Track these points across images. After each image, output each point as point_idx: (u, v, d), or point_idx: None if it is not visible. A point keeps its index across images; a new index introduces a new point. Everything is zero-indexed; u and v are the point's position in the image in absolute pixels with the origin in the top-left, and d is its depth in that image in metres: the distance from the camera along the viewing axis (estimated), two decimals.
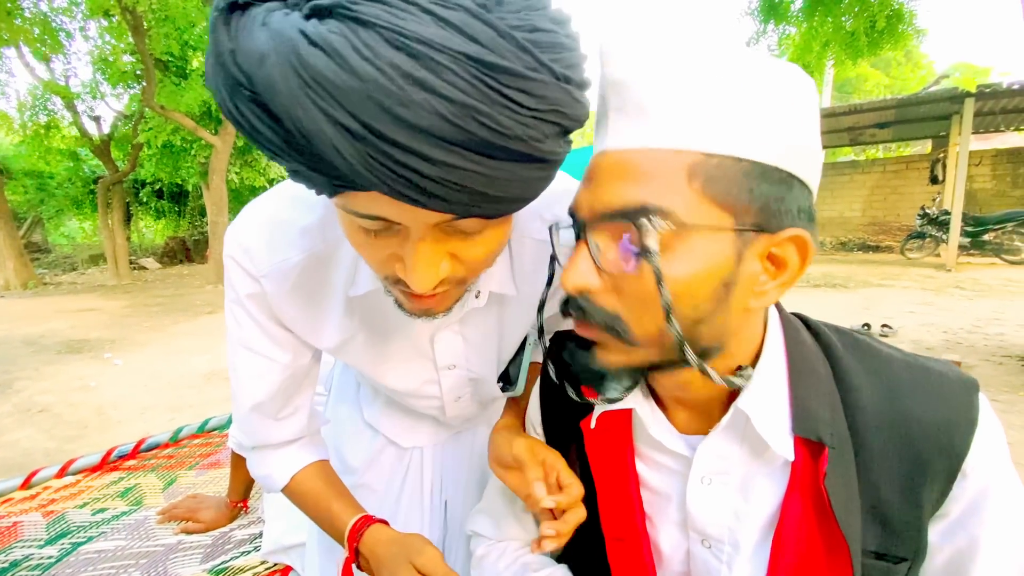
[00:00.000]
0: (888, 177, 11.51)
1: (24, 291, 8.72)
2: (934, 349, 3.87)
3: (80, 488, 1.43)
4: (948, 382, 0.47)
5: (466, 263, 0.46)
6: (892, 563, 0.46)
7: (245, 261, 0.59)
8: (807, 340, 0.50)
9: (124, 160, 10.31)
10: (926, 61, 19.62)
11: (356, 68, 0.29)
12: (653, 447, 0.53)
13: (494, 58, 0.31)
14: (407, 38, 0.29)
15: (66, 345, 4.86)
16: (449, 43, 0.30)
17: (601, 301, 0.43)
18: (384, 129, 0.30)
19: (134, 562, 1.14)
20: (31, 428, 2.97)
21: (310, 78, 0.30)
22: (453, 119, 0.31)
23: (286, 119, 0.31)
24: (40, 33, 6.89)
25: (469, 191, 0.35)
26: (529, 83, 0.33)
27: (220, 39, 0.32)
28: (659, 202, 0.38)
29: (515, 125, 0.33)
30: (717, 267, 0.40)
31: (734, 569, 0.49)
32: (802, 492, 0.46)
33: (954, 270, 7.71)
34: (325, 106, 0.30)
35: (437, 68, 0.30)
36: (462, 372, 0.71)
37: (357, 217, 0.41)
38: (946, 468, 0.45)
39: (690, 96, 0.38)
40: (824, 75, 5.34)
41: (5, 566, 1.11)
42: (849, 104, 9.13)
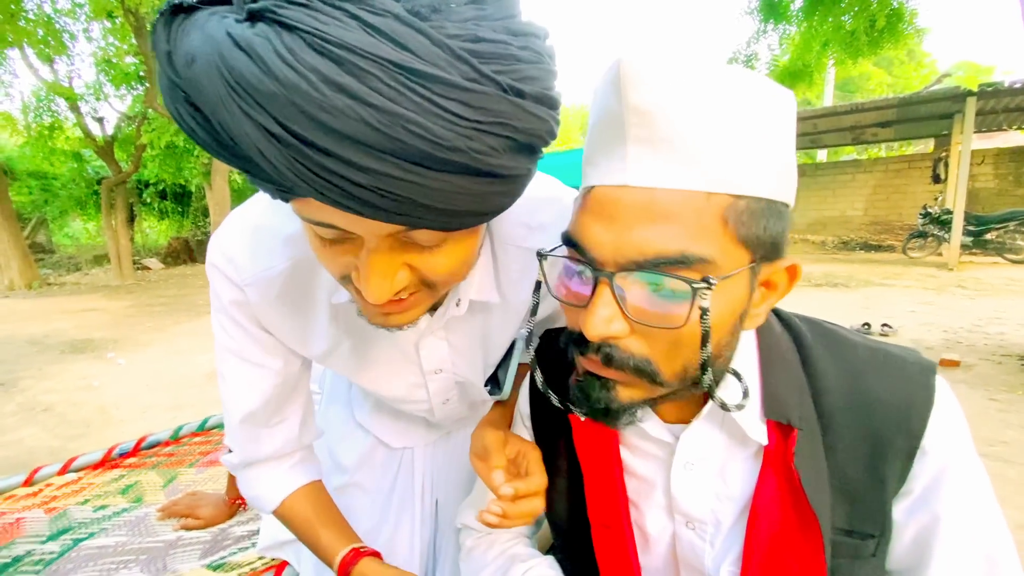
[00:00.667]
0: (890, 176, 11.47)
1: (28, 291, 8.77)
2: (934, 348, 3.87)
3: (82, 485, 1.46)
4: (907, 365, 0.49)
5: (428, 275, 0.44)
6: (860, 539, 0.49)
7: (229, 270, 0.58)
8: (778, 330, 0.52)
9: (127, 161, 10.36)
10: (929, 60, 19.58)
11: (276, 72, 0.29)
12: (639, 435, 0.55)
13: (424, 66, 0.30)
14: (330, 43, 0.29)
15: (70, 345, 4.89)
16: (374, 49, 0.29)
17: (629, 348, 0.42)
18: (307, 135, 0.30)
19: (134, 557, 1.16)
20: (35, 427, 3.00)
21: (234, 81, 0.29)
22: (380, 127, 0.30)
23: (215, 121, 0.31)
24: (44, 35, 6.94)
25: (408, 201, 0.34)
26: (466, 94, 0.31)
27: (159, 41, 0.32)
28: (699, 251, 0.37)
29: (453, 136, 0.32)
30: (739, 304, 0.42)
31: (717, 547, 0.51)
32: (775, 472, 0.48)
33: (956, 269, 7.69)
34: (248, 109, 0.30)
35: (360, 74, 0.29)
36: (448, 376, 0.71)
37: (312, 224, 0.40)
38: (906, 446, 0.47)
39: (720, 136, 0.37)
40: (825, 74, 5.34)
41: (8, 561, 1.13)
42: (851, 103, 9.11)
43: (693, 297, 0.37)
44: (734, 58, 5.34)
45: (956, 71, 11.25)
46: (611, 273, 0.39)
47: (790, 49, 5.10)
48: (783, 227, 0.42)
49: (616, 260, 0.39)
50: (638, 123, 0.38)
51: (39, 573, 1.09)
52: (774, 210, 0.40)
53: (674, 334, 0.40)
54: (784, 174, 0.41)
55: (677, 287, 0.38)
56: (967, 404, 3.12)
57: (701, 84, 0.37)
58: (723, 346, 0.44)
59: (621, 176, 0.39)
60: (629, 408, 0.46)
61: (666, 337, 0.40)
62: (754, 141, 0.38)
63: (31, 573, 1.09)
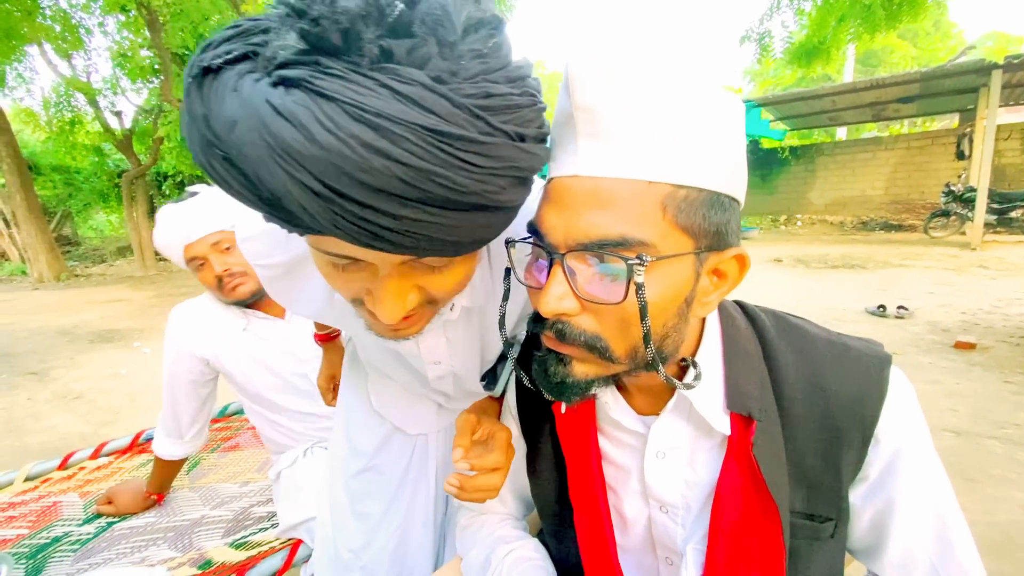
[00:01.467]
0: (912, 153, 11.15)
1: (57, 283, 9.05)
2: (950, 331, 3.82)
3: (112, 469, 1.55)
4: (864, 357, 0.52)
5: (435, 294, 0.48)
6: (819, 522, 0.52)
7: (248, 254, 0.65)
8: (741, 325, 0.55)
9: (146, 154, 10.53)
10: (956, 30, 18.79)
11: (319, 139, 0.31)
12: (615, 426, 0.59)
13: (448, 127, 0.33)
14: (367, 112, 0.32)
15: (98, 335, 5.07)
16: (406, 116, 0.32)
17: (580, 324, 0.45)
18: (347, 191, 0.33)
19: (162, 535, 1.24)
20: (68, 414, 3.15)
21: (277, 146, 0.32)
22: (412, 181, 0.33)
23: (254, 179, 0.34)
24: (61, 30, 7.05)
25: (430, 238, 0.37)
26: (483, 147, 0.35)
27: (193, 103, 0.35)
28: (639, 234, 0.41)
29: (472, 183, 0.36)
30: (682, 287, 0.44)
31: (689, 529, 0.55)
32: (738, 460, 0.51)
33: (979, 249, 7.50)
34: (291, 170, 0.32)
35: (395, 138, 0.32)
36: (446, 367, 0.75)
37: (326, 256, 0.43)
38: (859, 435, 0.50)
39: (663, 129, 0.40)
40: (843, 49, 5.19)
41: (47, 541, 1.22)
42: (870, 79, 8.83)
43: (630, 274, 0.41)
44: (747, 36, 5.21)
45: (985, 42, 10.81)
46: (562, 254, 0.43)
47: (806, 25, 4.95)
48: (728, 218, 0.44)
49: (567, 243, 0.43)
50: (585, 119, 0.41)
51: (77, 551, 1.18)
52: (717, 201, 0.43)
53: (619, 311, 0.43)
54: (730, 170, 0.44)
55: (618, 266, 0.41)
56: (981, 387, 3.08)
57: (643, 82, 0.40)
58: (669, 328, 0.46)
59: (573, 167, 0.42)
60: (584, 384, 0.48)
61: (613, 314, 0.43)
62: (695, 136, 0.41)
63: (70, 552, 1.18)
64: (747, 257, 0.47)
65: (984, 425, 2.47)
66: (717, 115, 0.42)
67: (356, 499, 0.95)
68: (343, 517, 0.95)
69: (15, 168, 8.59)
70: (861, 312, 4.53)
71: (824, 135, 14.99)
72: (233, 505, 1.36)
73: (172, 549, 1.20)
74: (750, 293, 3.50)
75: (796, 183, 12.66)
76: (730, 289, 0.48)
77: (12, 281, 9.64)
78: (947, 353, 3.42)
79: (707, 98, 0.41)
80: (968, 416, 2.57)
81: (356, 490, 0.94)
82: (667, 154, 0.40)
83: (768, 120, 11.18)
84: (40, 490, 1.44)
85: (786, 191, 12.80)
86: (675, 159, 0.41)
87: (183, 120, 0.37)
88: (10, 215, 9.64)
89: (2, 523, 1.29)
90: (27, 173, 9.03)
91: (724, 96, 0.43)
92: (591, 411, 0.60)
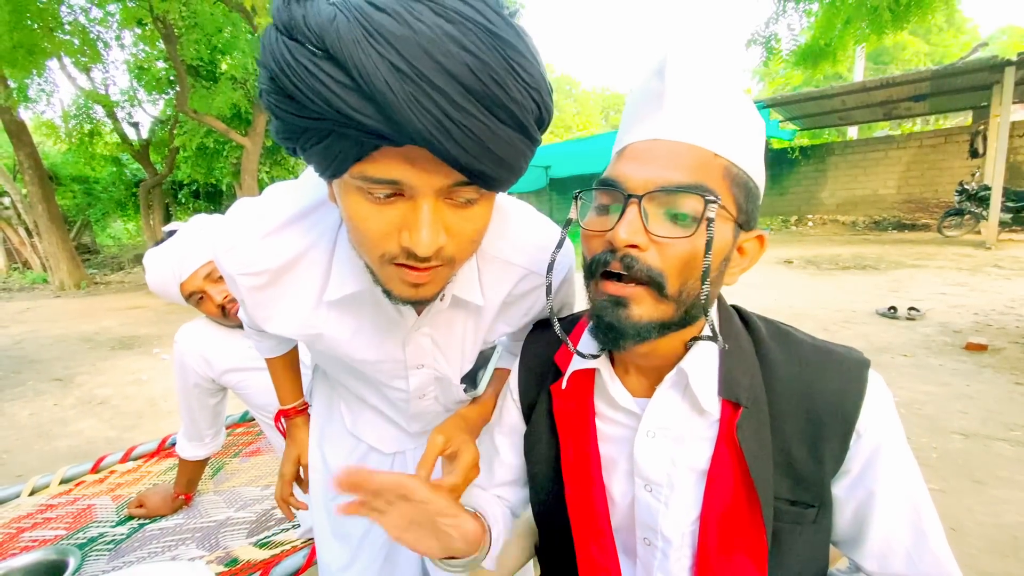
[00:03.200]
0: (925, 152, 11.02)
1: (77, 291, 9.26)
2: (962, 332, 3.80)
3: (141, 473, 1.63)
4: (845, 360, 0.58)
5: (457, 238, 0.52)
6: (803, 508, 0.57)
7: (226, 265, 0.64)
8: (738, 325, 0.62)
9: (162, 163, 10.76)
10: (970, 25, 18.51)
11: (411, 23, 0.40)
12: (610, 405, 0.63)
13: (504, 34, 0.43)
14: (448, 9, 0.41)
15: (119, 342, 5.21)
16: (476, 17, 0.42)
17: (647, 259, 0.51)
18: (426, 71, 0.40)
19: (190, 535, 1.31)
20: (93, 418, 3.26)
21: (374, 30, 0.39)
22: (475, 70, 0.41)
23: (349, 64, 0.40)
24: (80, 44, 7.23)
25: (480, 145, 0.44)
26: (525, 61, 0.44)
27: (292, 13, 0.42)
28: (710, 184, 0.50)
29: (516, 90, 0.44)
30: (727, 245, 0.53)
31: (671, 507, 0.59)
32: (728, 447, 0.56)
33: (994, 248, 7.41)
34: (383, 50, 0.39)
35: (466, 31, 0.41)
36: (429, 371, 0.78)
37: (370, 185, 0.47)
38: (841, 430, 0.55)
39: (727, 117, 0.52)
40: (849, 52, 5.17)
41: (84, 542, 1.29)
42: (881, 78, 8.76)
43: (704, 210, 0.49)
44: (753, 39, 5.22)
45: (1000, 36, 10.65)
46: (640, 196, 0.50)
47: (812, 28, 4.95)
48: (756, 205, 0.56)
49: (645, 187, 0.50)
50: (674, 95, 0.51)
51: (111, 551, 1.25)
52: (754, 188, 0.54)
53: (685, 247, 0.50)
54: (760, 166, 0.55)
55: (687, 210, 0.50)
56: (991, 389, 3.08)
57: (718, 79, 0.52)
58: (714, 277, 0.53)
59: (655, 132, 0.52)
60: (639, 327, 0.52)
61: (677, 251, 0.50)
62: (746, 131, 0.53)
63: (105, 551, 1.25)
64: (766, 238, 0.57)
65: (993, 427, 2.48)
66: (756, 120, 0.55)
67: (336, 521, 0.95)
68: (325, 538, 0.95)
69: (37, 179, 8.82)
70: (871, 314, 4.51)
71: (835, 134, 14.86)
72: (256, 507, 1.42)
73: (200, 548, 1.26)
74: (760, 294, 3.58)
75: (807, 183, 12.56)
76: (750, 265, 0.58)
77: (34, 289, 9.88)
78: (958, 355, 3.41)
79: (751, 106, 0.54)
80: (978, 418, 2.57)
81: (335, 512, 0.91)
82: (728, 136, 0.52)
83: (777, 120, 11.13)
84: (75, 492, 1.52)
85: (796, 191, 12.70)
86: (733, 142, 0.52)
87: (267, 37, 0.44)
88: (32, 224, 9.87)
89: (41, 524, 1.37)
90: (48, 184, 9.25)
91: (757, 115, 0.55)
92: (589, 393, 0.64)
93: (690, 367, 0.57)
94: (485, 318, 0.75)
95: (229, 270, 0.64)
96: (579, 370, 0.64)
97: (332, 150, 0.46)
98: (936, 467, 2.18)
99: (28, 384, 3.96)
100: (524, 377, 0.74)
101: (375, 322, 0.70)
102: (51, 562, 0.69)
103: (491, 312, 0.75)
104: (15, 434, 3.06)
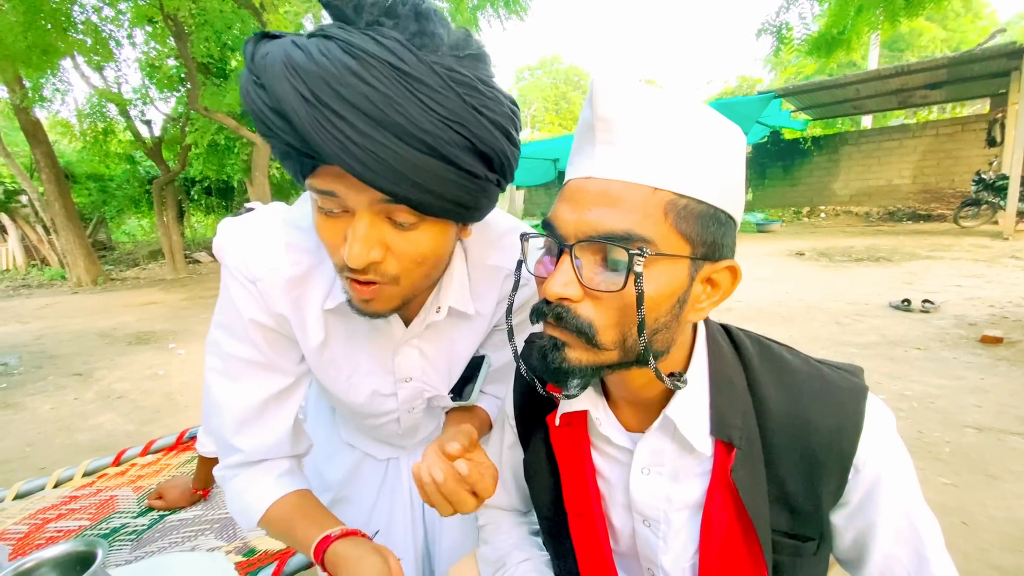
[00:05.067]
0: (942, 141, 10.83)
1: (94, 287, 9.41)
2: (977, 325, 3.75)
3: (161, 465, 1.67)
4: (840, 391, 0.55)
5: (398, 257, 0.55)
6: (801, 541, 0.56)
7: (242, 268, 0.65)
8: (727, 353, 0.58)
9: (174, 160, 10.85)
10: (988, 10, 18.04)
11: (317, 59, 0.46)
12: (604, 441, 0.62)
13: (409, 69, 0.47)
14: (353, 47, 0.47)
15: (135, 337, 5.30)
16: (379, 54, 0.46)
17: (578, 311, 0.48)
18: (326, 99, 0.46)
19: (209, 526, 1.34)
20: (112, 413, 3.33)
21: (290, 64, 0.47)
22: (376, 102, 0.46)
23: (270, 91, 0.48)
24: (92, 43, 7.31)
25: (388, 167, 0.48)
26: (436, 94, 0.48)
27: (249, 48, 0.51)
28: (642, 231, 0.45)
29: (423, 120, 0.47)
30: (677, 287, 0.48)
31: (669, 543, 0.59)
32: (722, 483, 0.55)
33: (1011, 238, 7.28)
34: (293, 81, 0.46)
35: (368, 66, 0.46)
36: (417, 385, 0.78)
37: (318, 196, 0.54)
38: (838, 466, 0.53)
39: (670, 144, 0.46)
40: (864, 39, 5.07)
41: (107, 532, 1.33)
42: (895, 66, 8.60)
43: (630, 264, 0.45)
44: (764, 29, 5.14)
45: (1019, 21, 10.39)
46: (571, 245, 0.47)
47: (824, 16, 4.87)
48: (724, 232, 0.49)
49: (576, 234, 0.47)
50: (603, 127, 0.47)
51: (133, 541, 1.29)
52: (714, 215, 0.48)
53: (618, 300, 0.47)
54: (726, 188, 0.49)
55: (620, 258, 0.46)
56: (1006, 382, 3.05)
57: (655, 103, 0.46)
58: (661, 323, 0.49)
59: (588, 170, 0.48)
60: (576, 370, 0.50)
61: (612, 303, 0.47)
62: (695, 153, 0.46)
63: (127, 542, 1.29)
64: (739, 269, 0.51)
65: (1008, 421, 2.45)
66: (716, 139, 0.47)
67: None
68: None
69: (53, 177, 8.97)
70: (885, 307, 4.47)
71: (848, 124, 14.61)
72: None
73: (218, 539, 1.29)
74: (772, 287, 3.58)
75: (820, 174, 12.39)
76: (722, 299, 0.52)
77: (52, 285, 10.06)
78: (973, 348, 3.37)
79: (708, 124, 0.47)
80: (992, 412, 2.54)
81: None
82: (671, 166, 0.46)
83: (789, 110, 10.96)
84: (97, 484, 1.56)
85: (809, 182, 12.54)
86: (678, 171, 0.46)
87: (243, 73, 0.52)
88: (49, 222, 10.03)
89: (65, 515, 1.41)
90: (64, 182, 9.39)
91: (725, 125, 0.48)
92: (583, 425, 0.63)
93: (676, 413, 0.55)
94: (479, 327, 0.77)
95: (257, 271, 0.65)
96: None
97: (287, 163, 0.54)
98: (949, 461, 2.17)
99: (49, 379, 4.05)
100: (519, 403, 0.72)
101: (366, 334, 0.73)
102: (80, 553, 0.72)
103: (486, 320, 0.77)
104: (37, 428, 3.14)
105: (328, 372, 0.75)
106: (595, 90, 0.46)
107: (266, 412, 0.71)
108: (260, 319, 0.67)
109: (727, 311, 4.59)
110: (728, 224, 0.50)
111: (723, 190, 0.48)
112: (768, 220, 11.41)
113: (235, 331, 0.68)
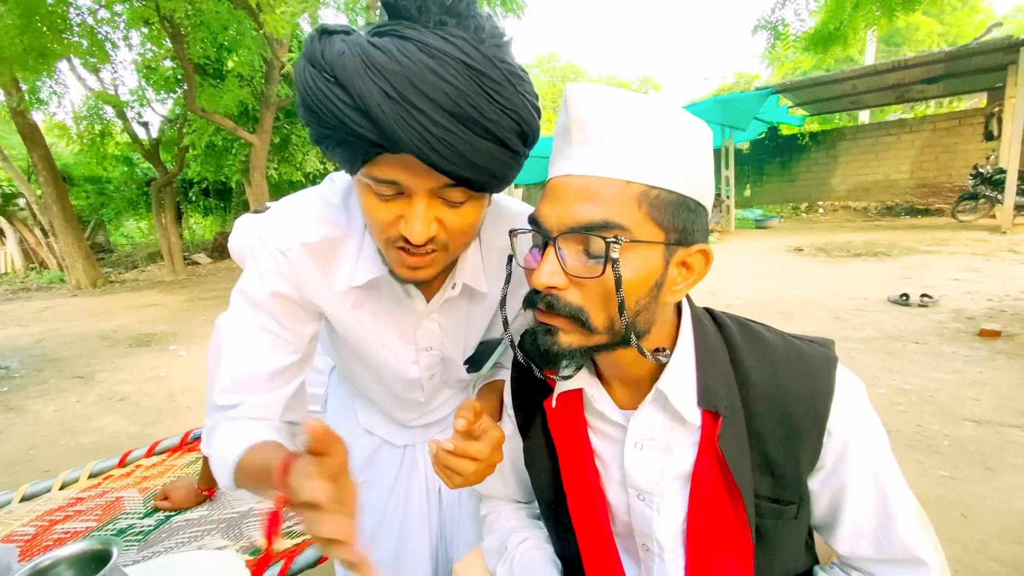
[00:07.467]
0: (939, 135, 10.85)
1: (93, 289, 9.40)
2: (975, 318, 3.77)
3: (166, 467, 1.68)
4: (813, 360, 0.60)
5: (449, 230, 0.61)
6: (783, 505, 0.60)
7: (273, 237, 0.69)
8: (711, 331, 0.63)
9: (172, 162, 10.83)
10: (984, 4, 18.04)
11: (399, 59, 0.50)
12: (599, 418, 0.66)
13: (479, 66, 0.52)
14: (429, 47, 0.50)
15: (136, 339, 5.31)
16: (454, 52, 0.51)
17: (567, 297, 0.53)
18: (410, 96, 0.50)
19: (215, 526, 1.35)
20: (115, 415, 3.34)
21: (371, 64, 0.50)
22: (453, 96, 0.50)
23: (351, 89, 0.51)
24: (88, 46, 7.29)
25: (459, 154, 0.52)
26: (500, 87, 0.53)
27: (314, 47, 0.54)
28: (618, 220, 0.50)
29: (489, 110, 0.52)
30: (653, 271, 0.53)
31: (662, 514, 0.62)
32: (709, 451, 0.59)
33: (1009, 232, 7.30)
34: (376, 79, 0.50)
35: (444, 64, 0.50)
36: (436, 353, 0.84)
37: (375, 184, 0.57)
38: (815, 430, 0.58)
39: (639, 140, 0.50)
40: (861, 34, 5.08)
41: (114, 532, 1.34)
42: (892, 60, 8.61)
43: (608, 250, 0.50)
44: (760, 25, 5.15)
45: (1016, 15, 10.39)
46: (554, 237, 0.52)
47: (820, 12, 4.88)
48: (694, 219, 0.54)
49: (559, 227, 0.52)
50: (578, 129, 0.52)
51: (141, 541, 1.30)
52: (684, 204, 0.53)
53: (599, 285, 0.52)
54: (695, 178, 0.53)
55: (599, 246, 0.50)
56: (1004, 376, 3.07)
57: (627, 105, 0.51)
58: (642, 305, 0.54)
59: (567, 168, 0.53)
60: (569, 352, 0.55)
61: (595, 289, 0.52)
62: (666, 149, 0.51)
63: (134, 542, 1.30)
64: (711, 252, 0.56)
65: (1006, 414, 2.47)
66: (683, 134, 0.52)
67: None
68: None
69: (51, 180, 8.95)
70: (883, 301, 4.48)
71: (846, 119, 14.62)
72: None
73: (225, 538, 1.31)
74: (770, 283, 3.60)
75: (817, 169, 12.41)
76: (697, 280, 0.57)
77: (52, 288, 10.06)
78: (971, 342, 3.39)
79: (675, 121, 0.52)
80: (990, 405, 2.56)
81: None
82: (642, 160, 0.51)
83: (787, 106, 10.97)
84: (103, 486, 1.57)
85: (807, 178, 12.55)
86: (648, 165, 0.51)
87: (298, 68, 0.56)
88: (48, 225, 10.03)
89: (72, 517, 1.42)
90: (62, 184, 9.37)
91: (691, 121, 0.53)
92: (580, 407, 0.67)
93: (667, 386, 0.59)
94: (488, 306, 0.83)
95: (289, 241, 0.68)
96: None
97: (346, 153, 0.57)
98: (948, 454, 2.19)
99: (51, 382, 4.06)
100: (517, 390, 0.75)
101: (392, 308, 0.78)
102: (95, 551, 0.73)
103: (493, 301, 0.81)
104: (40, 431, 3.15)
105: (359, 340, 0.80)
106: (569, 96, 0.52)
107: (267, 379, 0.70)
108: (283, 290, 0.71)
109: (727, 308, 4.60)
110: (698, 211, 0.54)
111: (691, 180, 0.53)
112: (766, 216, 11.42)
113: (254, 299, 0.72)
